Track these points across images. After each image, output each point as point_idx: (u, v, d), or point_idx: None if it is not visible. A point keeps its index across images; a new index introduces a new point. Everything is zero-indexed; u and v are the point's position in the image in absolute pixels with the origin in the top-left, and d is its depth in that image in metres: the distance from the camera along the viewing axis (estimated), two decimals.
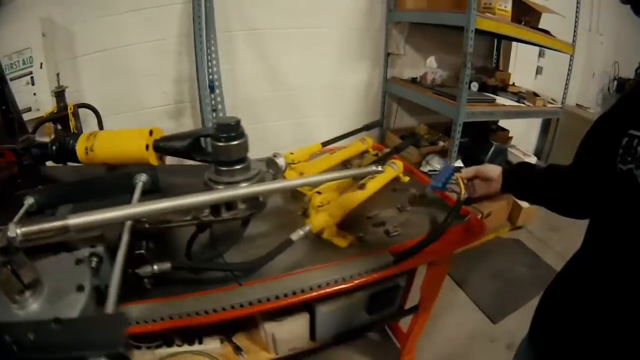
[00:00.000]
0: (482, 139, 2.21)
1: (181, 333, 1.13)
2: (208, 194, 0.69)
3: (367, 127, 1.54)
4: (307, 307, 1.06)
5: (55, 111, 1.57)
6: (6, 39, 1.62)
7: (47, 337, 0.37)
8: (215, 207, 0.81)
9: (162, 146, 0.85)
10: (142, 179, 0.82)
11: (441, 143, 2.29)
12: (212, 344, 1.15)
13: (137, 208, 0.60)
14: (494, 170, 0.96)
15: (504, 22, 1.91)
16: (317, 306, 1.03)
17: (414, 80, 2.35)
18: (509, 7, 1.96)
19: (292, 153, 1.17)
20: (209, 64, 1.77)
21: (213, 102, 1.81)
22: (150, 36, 1.87)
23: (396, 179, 1.24)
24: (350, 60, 2.39)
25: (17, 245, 0.47)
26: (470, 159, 2.08)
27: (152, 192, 0.86)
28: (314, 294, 0.84)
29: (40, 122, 1.56)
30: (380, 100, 2.50)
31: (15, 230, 0.47)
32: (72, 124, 1.55)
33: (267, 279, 0.84)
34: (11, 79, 1.59)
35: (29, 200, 0.72)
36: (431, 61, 2.25)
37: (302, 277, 0.85)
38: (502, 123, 2.62)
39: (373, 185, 1.11)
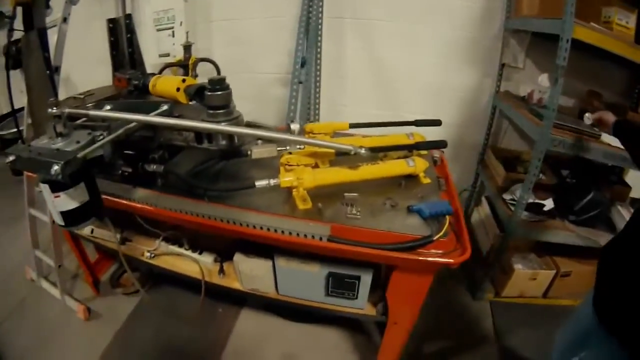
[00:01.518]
0: (586, 182, 1.93)
1: (191, 239, 1.56)
2: (191, 121, 1.07)
3: (419, 123, 1.56)
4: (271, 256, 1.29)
5: (182, 60, 2.21)
6: (153, 1, 2.40)
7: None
8: (198, 136, 1.16)
9: (185, 90, 1.19)
10: (164, 107, 1.18)
11: (542, 176, 2.09)
12: (207, 259, 1.53)
13: (135, 116, 1.04)
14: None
15: (613, 37, 1.67)
16: (276, 256, 1.27)
17: (522, 98, 2.20)
18: (631, 23, 1.79)
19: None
20: (304, 43, 2.17)
21: (300, 75, 2.19)
22: (270, 13, 2.39)
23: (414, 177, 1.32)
24: (459, 65, 2.39)
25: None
26: (556, 199, 1.91)
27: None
28: (249, 229, 1.14)
29: (167, 65, 2.27)
30: (489, 114, 2.40)
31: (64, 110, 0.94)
32: (190, 72, 2.07)
33: (228, 206, 1.18)
34: (157, 30, 2.41)
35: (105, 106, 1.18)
36: (543, 79, 2.10)
37: (252, 215, 1.15)
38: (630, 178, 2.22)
39: (366, 170, 1.22)
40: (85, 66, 2.34)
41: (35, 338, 1.95)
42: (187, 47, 2.25)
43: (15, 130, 1.64)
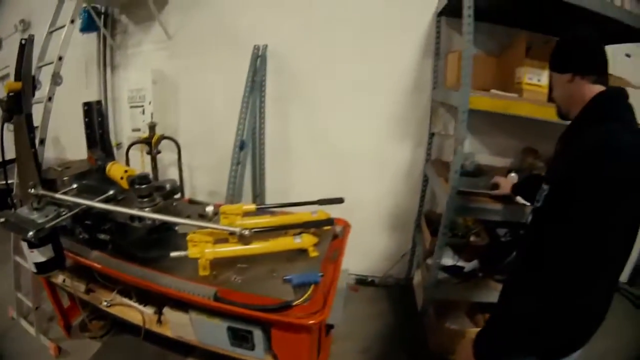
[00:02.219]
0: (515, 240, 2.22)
1: (138, 292, 1.91)
2: (115, 207, 1.59)
3: (322, 202, 1.89)
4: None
5: (146, 137, 2.72)
6: (131, 79, 3.07)
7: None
8: (132, 218, 1.56)
9: (126, 179, 1.64)
10: (110, 192, 1.63)
11: (473, 238, 2.35)
12: (149, 310, 1.87)
13: (82, 201, 1.53)
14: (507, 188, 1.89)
15: (519, 100, 1.95)
16: (190, 310, 1.62)
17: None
18: (543, 80, 1.98)
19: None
20: (245, 124, 2.58)
21: (239, 157, 2.60)
22: (224, 95, 2.89)
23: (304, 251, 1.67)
24: (394, 136, 2.77)
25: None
26: (483, 260, 2.20)
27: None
28: (163, 288, 1.53)
29: (135, 142, 2.78)
30: (422, 181, 2.76)
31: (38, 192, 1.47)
32: (152, 148, 2.67)
33: (154, 269, 1.60)
34: (131, 107, 3.00)
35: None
36: (465, 145, 2.36)
37: (166, 277, 1.56)
38: None
39: (257, 246, 1.61)
40: (73, 128, 2.73)
41: None
42: (152, 127, 2.73)
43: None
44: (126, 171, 1.74)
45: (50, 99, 2.27)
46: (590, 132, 1.03)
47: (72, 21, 2.36)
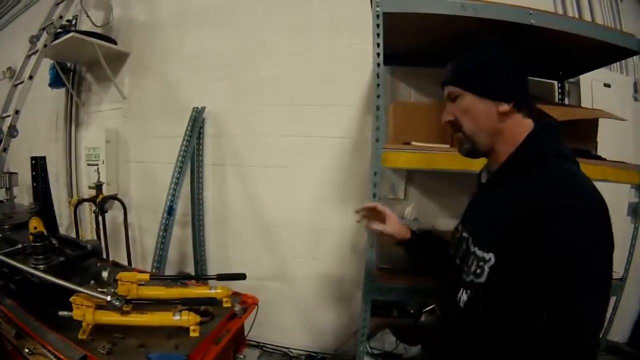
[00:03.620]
0: None
1: None
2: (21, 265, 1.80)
3: (222, 277, 2.02)
4: None
5: (93, 196, 3.07)
6: (89, 138, 3.47)
7: None
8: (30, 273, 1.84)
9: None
10: (18, 246, 1.99)
11: (424, 317, 2.33)
12: None
13: None
14: (397, 227, 1.46)
15: (443, 151, 1.81)
16: None
17: None
18: None
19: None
20: (173, 191, 2.81)
21: (167, 222, 2.86)
22: (168, 158, 3.08)
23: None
24: (335, 203, 2.80)
25: None
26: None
27: None
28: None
29: (80, 200, 3.13)
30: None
31: None
32: (97, 207, 2.99)
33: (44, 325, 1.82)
34: (88, 164, 3.37)
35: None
36: (409, 211, 2.32)
37: (50, 335, 1.76)
38: None
39: (135, 318, 1.79)
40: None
41: None
42: (98, 186, 3.06)
43: None
44: (35, 227, 2.02)
45: (5, 149, 2.62)
46: (543, 178, 0.89)
47: (31, 77, 2.74)
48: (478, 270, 0.96)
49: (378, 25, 1.83)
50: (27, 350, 2.07)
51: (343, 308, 2.98)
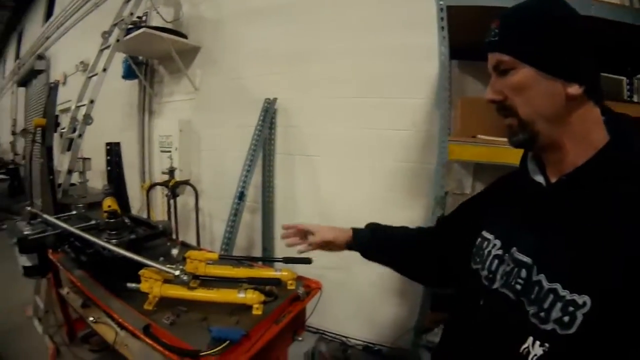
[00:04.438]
0: None
1: None
2: (88, 236, 1.92)
3: (288, 260, 2.00)
4: None
5: (165, 181, 3.20)
6: (162, 127, 3.60)
7: None
8: (103, 247, 1.92)
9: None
10: (92, 222, 2.08)
11: None
12: (123, 333, 2.00)
13: (61, 224, 1.94)
14: (328, 233, 1.39)
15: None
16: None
17: None
18: None
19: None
20: (245, 178, 2.86)
21: (238, 207, 2.86)
22: (238, 147, 3.18)
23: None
24: (401, 197, 2.75)
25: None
26: None
27: None
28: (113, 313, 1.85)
29: (153, 184, 3.30)
30: None
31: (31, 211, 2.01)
32: (169, 191, 3.11)
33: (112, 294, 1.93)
34: (161, 151, 3.46)
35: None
36: None
37: (116, 303, 1.87)
38: None
39: (200, 293, 1.82)
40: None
41: (13, 354, 3.01)
42: (171, 171, 3.20)
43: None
44: (109, 206, 2.12)
45: (80, 135, 2.81)
46: None
47: (104, 69, 2.94)
48: (565, 318, 0.67)
49: (442, 19, 1.81)
50: (91, 319, 2.22)
51: (403, 301, 2.97)
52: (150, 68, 4.17)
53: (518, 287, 0.78)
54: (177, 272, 1.73)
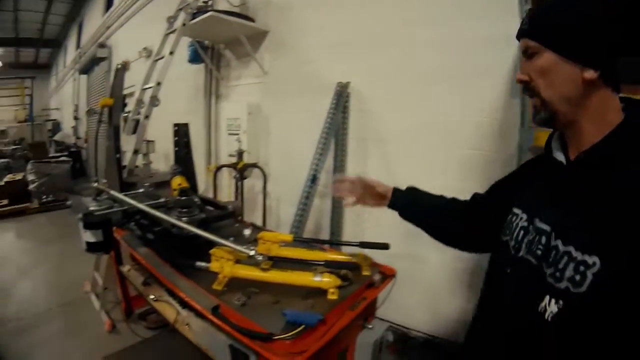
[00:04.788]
0: None
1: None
2: (158, 213, 1.87)
3: (364, 245, 1.89)
4: None
5: (234, 163, 3.18)
6: (229, 110, 3.55)
7: None
8: (172, 225, 1.89)
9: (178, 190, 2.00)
10: (160, 200, 2.03)
11: None
12: (184, 313, 2.00)
13: (129, 200, 1.93)
14: (383, 187, 1.46)
15: None
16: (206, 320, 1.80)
17: None
18: None
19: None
20: (317, 161, 2.79)
21: (310, 190, 2.78)
22: (307, 131, 3.12)
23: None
24: (474, 185, 2.56)
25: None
26: None
27: None
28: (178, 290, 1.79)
29: (220, 166, 3.31)
30: None
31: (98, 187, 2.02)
32: (237, 173, 3.10)
33: (178, 273, 1.89)
34: (228, 134, 3.49)
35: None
36: None
37: (182, 281, 1.83)
38: None
39: (274, 275, 1.74)
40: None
41: (69, 326, 3.06)
42: (240, 153, 3.19)
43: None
44: (180, 184, 2.09)
45: (147, 117, 2.82)
46: None
47: (171, 53, 2.95)
48: (577, 277, 0.75)
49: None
50: (152, 297, 2.22)
51: (471, 295, 2.82)
52: (217, 52, 4.19)
53: (539, 252, 0.87)
54: (251, 252, 1.65)
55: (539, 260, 0.86)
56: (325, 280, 1.68)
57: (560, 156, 0.92)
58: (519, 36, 0.91)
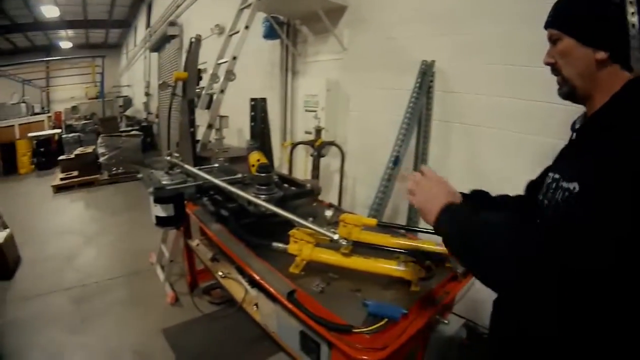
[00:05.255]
0: None
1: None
2: (242, 192, 1.76)
3: None
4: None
5: (311, 140, 3.13)
6: (306, 86, 3.47)
7: None
8: (248, 202, 1.83)
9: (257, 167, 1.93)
10: (238, 175, 1.99)
11: None
12: (254, 292, 1.99)
13: (204, 175, 1.89)
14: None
15: None
16: (276, 302, 1.73)
17: None
18: None
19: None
20: (400, 142, 2.66)
21: (392, 172, 2.66)
22: (389, 110, 3.01)
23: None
24: None
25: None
26: None
27: None
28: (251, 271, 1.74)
29: (297, 143, 3.25)
30: None
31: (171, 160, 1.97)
32: (314, 151, 3.03)
33: (254, 254, 1.83)
34: (305, 110, 3.43)
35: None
36: None
37: (256, 262, 1.76)
38: None
39: (356, 261, 1.62)
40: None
41: (132, 296, 3.16)
42: (318, 130, 3.11)
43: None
44: (258, 160, 2.02)
45: (222, 91, 2.79)
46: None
47: (247, 27, 2.90)
48: (554, 198, 1.01)
49: None
50: (220, 274, 2.20)
51: None
52: (293, 28, 4.11)
53: (549, 194, 1.06)
54: (335, 236, 1.53)
55: (548, 199, 1.07)
56: (409, 270, 1.55)
57: (578, 124, 1.14)
58: (546, 26, 1.08)
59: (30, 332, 2.85)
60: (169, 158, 2.13)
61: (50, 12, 12.58)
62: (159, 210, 1.91)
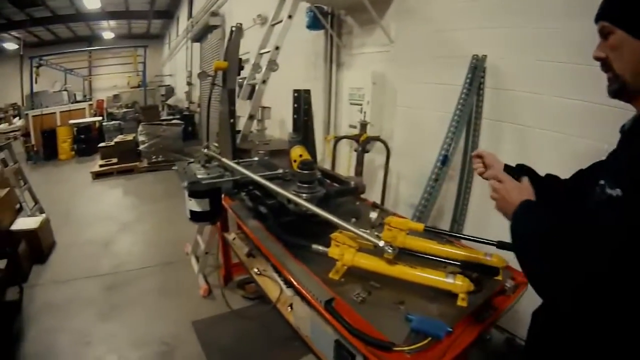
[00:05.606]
0: None
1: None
2: (282, 190, 1.69)
3: (503, 246, 1.56)
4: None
5: (356, 135, 3.02)
6: (351, 79, 3.37)
7: None
8: (288, 200, 1.76)
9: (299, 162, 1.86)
10: (279, 171, 1.92)
11: None
12: (289, 292, 1.96)
13: (243, 170, 1.77)
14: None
15: None
16: (312, 307, 1.67)
17: None
18: None
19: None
20: (450, 140, 2.55)
21: (440, 173, 2.57)
22: (438, 106, 2.88)
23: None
24: None
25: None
26: None
27: None
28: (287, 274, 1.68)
29: (341, 137, 3.18)
30: None
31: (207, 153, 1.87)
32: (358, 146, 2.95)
33: (291, 255, 1.75)
34: (350, 103, 3.33)
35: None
36: None
37: (293, 264, 1.69)
38: None
39: (399, 269, 1.51)
40: None
41: (164, 286, 3.19)
42: (363, 125, 3.01)
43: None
44: (301, 155, 1.94)
45: (264, 82, 2.74)
46: None
47: (290, 17, 2.83)
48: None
49: None
50: (255, 270, 2.16)
51: None
52: (337, 18, 4.01)
53: (597, 199, 0.98)
54: (381, 243, 1.41)
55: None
56: (458, 283, 1.43)
57: (628, 125, 1.06)
58: (597, 19, 1.01)
59: (60, 316, 2.90)
60: (205, 151, 2.05)
61: (91, 3, 12.94)
62: (193, 205, 1.84)
